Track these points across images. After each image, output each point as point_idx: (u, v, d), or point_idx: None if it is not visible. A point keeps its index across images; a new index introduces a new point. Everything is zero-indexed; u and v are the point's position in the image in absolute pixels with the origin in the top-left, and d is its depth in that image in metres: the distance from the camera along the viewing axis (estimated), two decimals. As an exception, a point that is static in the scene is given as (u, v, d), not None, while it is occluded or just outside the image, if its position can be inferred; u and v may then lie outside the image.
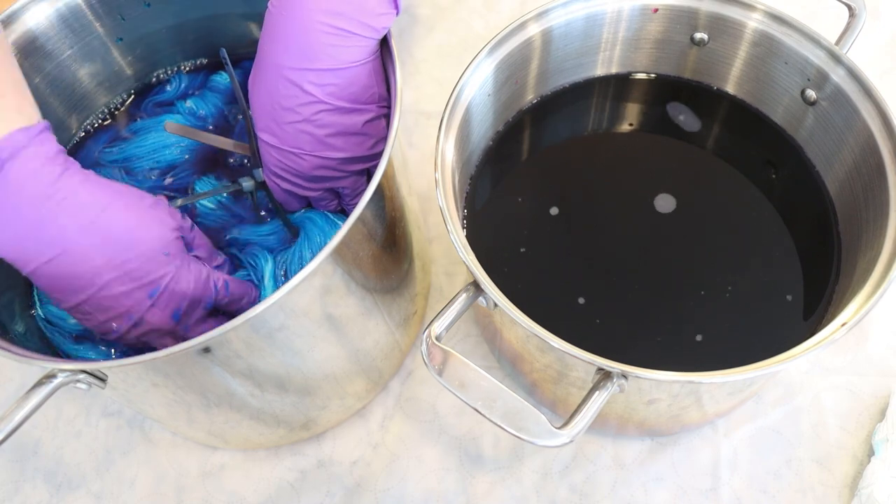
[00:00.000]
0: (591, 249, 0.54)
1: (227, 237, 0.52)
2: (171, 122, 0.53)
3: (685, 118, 0.51)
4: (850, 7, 0.53)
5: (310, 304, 0.43)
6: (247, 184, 0.52)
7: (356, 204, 0.49)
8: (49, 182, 0.40)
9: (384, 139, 0.48)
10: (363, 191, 0.49)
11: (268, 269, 0.49)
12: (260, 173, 0.51)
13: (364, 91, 0.46)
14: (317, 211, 0.52)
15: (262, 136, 0.48)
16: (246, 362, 0.44)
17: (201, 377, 0.44)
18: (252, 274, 0.50)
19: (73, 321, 0.50)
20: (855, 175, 0.50)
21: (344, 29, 0.43)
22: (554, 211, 0.55)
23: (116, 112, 0.58)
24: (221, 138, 0.53)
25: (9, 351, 0.40)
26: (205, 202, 0.53)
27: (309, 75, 0.44)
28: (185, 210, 0.52)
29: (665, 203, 0.55)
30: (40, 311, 0.51)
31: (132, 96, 0.59)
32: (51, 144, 0.40)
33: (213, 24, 0.57)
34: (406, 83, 0.75)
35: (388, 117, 0.48)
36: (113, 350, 0.50)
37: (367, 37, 0.44)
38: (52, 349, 0.50)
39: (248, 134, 0.51)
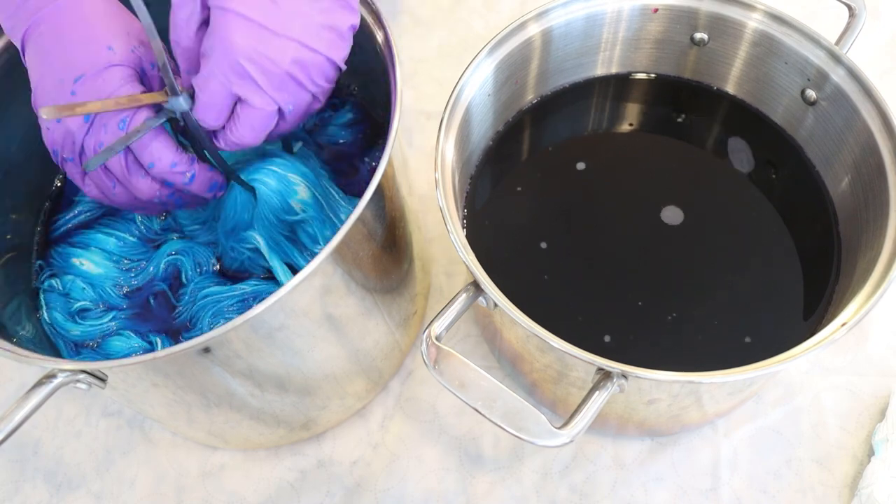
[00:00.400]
0: (590, 249, 0.54)
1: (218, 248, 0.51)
2: (46, 107, 0.42)
3: (742, 156, 0.51)
4: (850, 7, 0.53)
5: (310, 304, 0.43)
6: (180, 102, 0.42)
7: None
8: None
9: (340, 69, 0.45)
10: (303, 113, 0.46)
11: (262, 243, 0.48)
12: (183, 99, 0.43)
13: None
14: (265, 168, 0.48)
15: (241, 10, 0.40)
16: (246, 362, 0.44)
17: (201, 377, 0.44)
18: (256, 258, 0.49)
19: (75, 332, 0.50)
20: (855, 175, 0.50)
21: None
22: (554, 211, 0.55)
23: None
24: (114, 99, 0.42)
25: (9, 351, 0.40)
26: (189, 226, 0.52)
27: None
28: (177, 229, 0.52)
29: (665, 204, 0.55)
30: (46, 317, 0.51)
31: None
32: None
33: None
34: (406, 83, 0.75)
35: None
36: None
37: None
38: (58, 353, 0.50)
39: (160, 60, 0.42)
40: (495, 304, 0.42)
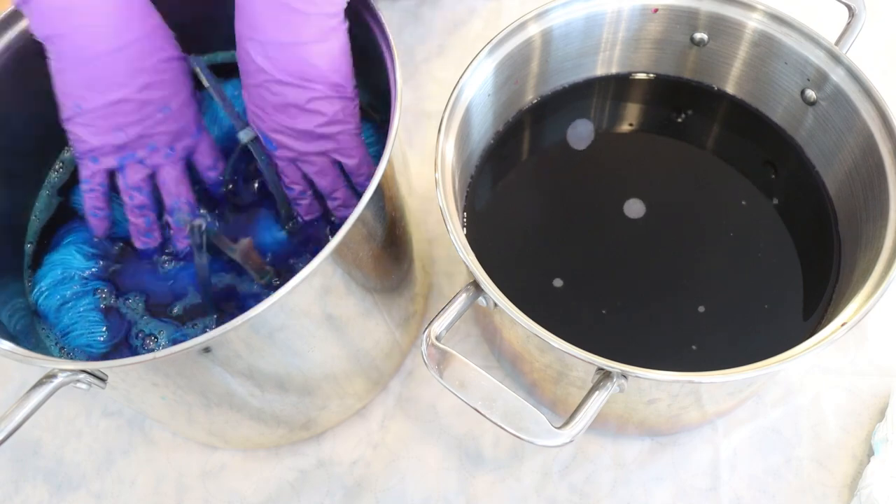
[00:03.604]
0: (591, 249, 0.54)
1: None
2: (195, 56, 0.53)
3: (581, 133, 0.50)
4: (849, 7, 0.53)
5: (310, 304, 0.43)
6: (246, 134, 0.52)
7: (338, 203, 0.51)
8: None
9: (341, 122, 0.48)
10: (341, 188, 0.51)
11: None
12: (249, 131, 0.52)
13: (310, 69, 0.46)
14: None
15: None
16: (246, 362, 0.44)
17: (201, 377, 0.44)
18: None
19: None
20: (855, 175, 0.50)
21: (288, 4, 0.44)
22: (554, 210, 0.56)
23: None
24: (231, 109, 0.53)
25: (9, 351, 0.40)
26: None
27: (255, 45, 0.46)
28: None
29: (664, 204, 0.55)
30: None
31: None
32: None
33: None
34: (406, 83, 0.75)
35: (349, 100, 0.48)
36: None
37: (314, 13, 0.45)
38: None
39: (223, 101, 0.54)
40: (495, 304, 0.42)
